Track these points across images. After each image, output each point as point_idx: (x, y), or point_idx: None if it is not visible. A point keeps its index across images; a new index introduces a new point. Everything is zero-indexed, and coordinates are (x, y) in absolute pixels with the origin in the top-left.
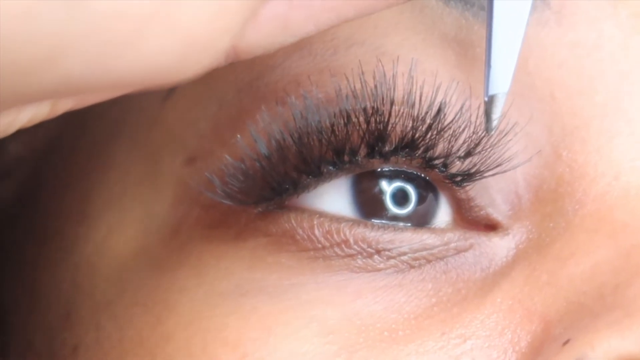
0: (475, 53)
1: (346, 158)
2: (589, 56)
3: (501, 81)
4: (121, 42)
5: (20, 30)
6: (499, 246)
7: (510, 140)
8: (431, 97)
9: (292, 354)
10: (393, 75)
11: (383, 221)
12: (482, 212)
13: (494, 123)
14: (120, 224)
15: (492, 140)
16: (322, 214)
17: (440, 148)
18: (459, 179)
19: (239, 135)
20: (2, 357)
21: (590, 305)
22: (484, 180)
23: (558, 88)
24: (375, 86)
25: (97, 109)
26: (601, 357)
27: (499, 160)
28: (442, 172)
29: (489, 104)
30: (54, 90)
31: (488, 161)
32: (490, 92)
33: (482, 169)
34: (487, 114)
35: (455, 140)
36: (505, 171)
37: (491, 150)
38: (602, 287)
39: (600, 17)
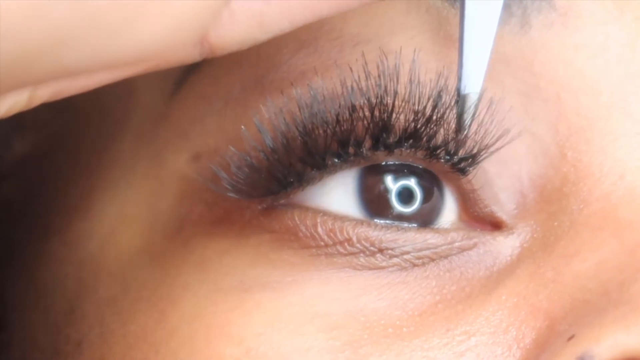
0: None
1: (351, 150)
2: (595, 58)
3: (473, 81)
4: (119, 27)
5: (27, 20)
6: (504, 245)
7: (503, 116)
8: (433, 90)
9: (296, 349)
10: (395, 66)
11: (387, 221)
12: (486, 210)
13: (466, 122)
14: (125, 220)
15: (488, 117)
16: (325, 212)
17: (441, 135)
18: (462, 164)
19: (243, 127)
20: (4, 353)
21: (595, 301)
22: (489, 176)
23: (563, 89)
24: (379, 76)
25: (101, 106)
26: (606, 352)
27: (498, 135)
28: (447, 160)
29: (461, 103)
30: (50, 76)
31: (487, 138)
32: (463, 92)
33: (483, 146)
34: (459, 112)
35: (451, 127)
36: (504, 145)
37: (489, 124)
38: (607, 283)
39: (606, 20)
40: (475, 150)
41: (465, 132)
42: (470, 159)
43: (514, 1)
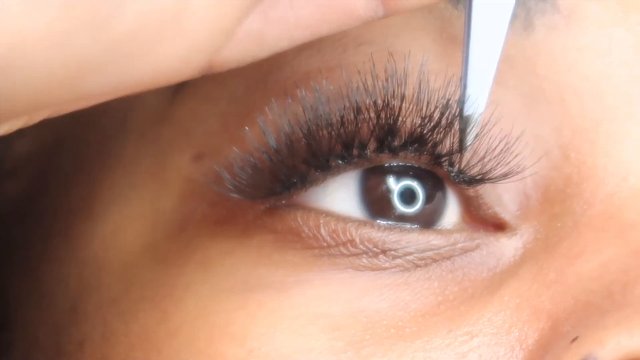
0: None
1: (355, 152)
2: (599, 60)
3: (477, 102)
4: (138, 54)
5: (48, 51)
6: (507, 246)
7: (516, 149)
8: (440, 95)
9: (298, 349)
10: (404, 69)
11: (390, 221)
12: (490, 211)
13: (468, 143)
14: (127, 219)
15: (498, 149)
16: (328, 213)
17: (448, 144)
18: (467, 179)
19: (247, 128)
20: (6, 353)
21: (598, 303)
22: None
23: (567, 91)
24: (387, 79)
25: (103, 106)
26: (610, 355)
27: (506, 169)
28: (450, 171)
29: (464, 124)
30: (65, 101)
31: (495, 169)
32: (466, 113)
33: (487, 177)
34: (462, 133)
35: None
36: (511, 179)
37: (498, 157)
38: (611, 285)
39: (610, 22)
40: (478, 178)
41: (465, 152)
42: (474, 181)
43: (517, 3)
